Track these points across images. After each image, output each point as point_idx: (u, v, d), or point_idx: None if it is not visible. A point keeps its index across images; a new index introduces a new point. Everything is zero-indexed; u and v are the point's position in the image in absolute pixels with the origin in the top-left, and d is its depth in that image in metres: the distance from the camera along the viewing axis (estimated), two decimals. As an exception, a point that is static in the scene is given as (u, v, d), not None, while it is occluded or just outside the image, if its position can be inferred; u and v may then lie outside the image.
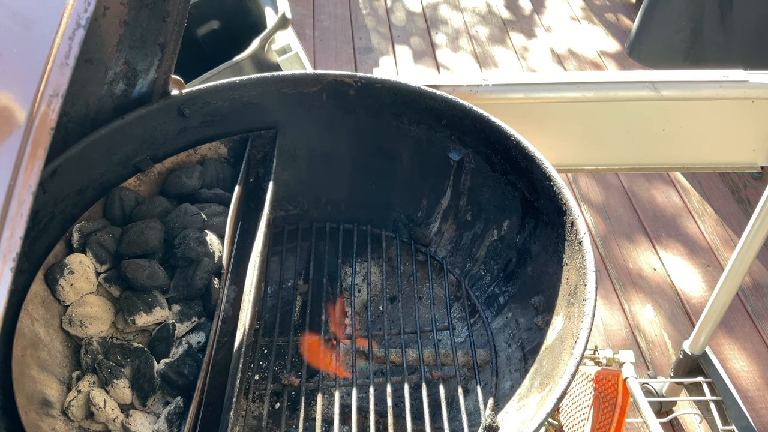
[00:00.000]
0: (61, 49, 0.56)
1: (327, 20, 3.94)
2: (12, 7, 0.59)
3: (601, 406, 1.26)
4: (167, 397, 0.95)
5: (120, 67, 1.05)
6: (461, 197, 1.23)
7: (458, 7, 4.12)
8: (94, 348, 0.96)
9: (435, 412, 1.04)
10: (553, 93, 1.28)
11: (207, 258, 1.05)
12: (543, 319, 1.04)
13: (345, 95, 1.21)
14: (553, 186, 1.03)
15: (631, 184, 2.92)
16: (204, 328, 1.02)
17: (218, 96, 1.18)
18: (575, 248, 0.97)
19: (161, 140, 1.17)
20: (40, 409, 0.87)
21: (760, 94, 1.27)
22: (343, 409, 1.06)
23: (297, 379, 1.05)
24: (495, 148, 1.13)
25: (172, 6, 1.03)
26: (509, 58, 3.69)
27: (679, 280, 2.52)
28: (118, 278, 1.03)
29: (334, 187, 1.32)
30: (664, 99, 1.28)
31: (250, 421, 1.03)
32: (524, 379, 0.99)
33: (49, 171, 0.98)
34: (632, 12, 3.99)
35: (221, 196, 1.17)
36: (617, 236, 2.69)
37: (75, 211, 1.07)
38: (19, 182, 0.50)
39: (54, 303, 0.98)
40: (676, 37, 2.48)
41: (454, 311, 1.22)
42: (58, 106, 0.54)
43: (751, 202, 2.81)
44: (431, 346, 1.15)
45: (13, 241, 0.49)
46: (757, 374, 2.21)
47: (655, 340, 2.31)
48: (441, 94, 1.16)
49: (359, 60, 3.65)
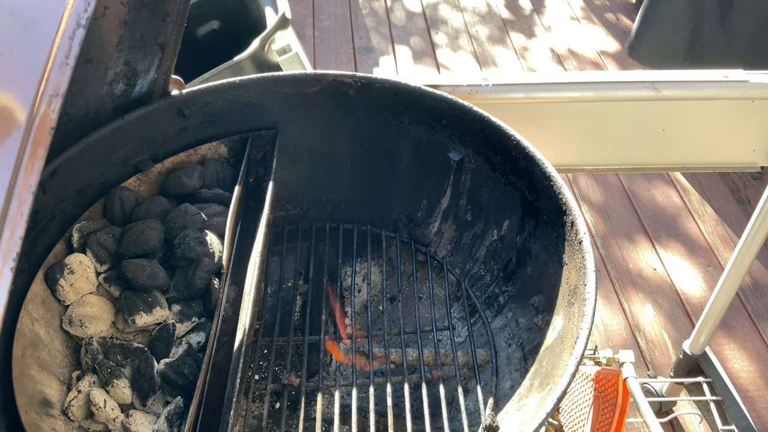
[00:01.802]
0: (61, 49, 0.56)
1: (327, 20, 3.94)
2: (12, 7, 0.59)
3: (601, 406, 1.26)
4: (167, 397, 0.95)
5: (120, 67, 1.05)
6: (461, 197, 1.23)
7: (458, 6, 4.12)
8: (94, 348, 0.96)
9: (435, 412, 1.04)
10: (553, 93, 1.29)
11: (207, 258, 1.05)
12: (543, 319, 1.04)
13: (345, 95, 1.21)
14: (553, 186, 1.03)
15: (631, 184, 2.92)
16: (204, 328, 1.02)
17: (218, 96, 1.18)
18: (575, 248, 0.97)
19: (161, 140, 1.17)
20: (40, 409, 0.87)
21: (760, 94, 1.27)
22: (343, 409, 1.06)
23: (297, 379, 1.05)
24: (495, 148, 1.13)
25: (172, 6, 1.03)
26: (509, 58, 3.69)
27: (679, 280, 2.52)
28: (118, 278, 1.03)
29: (334, 187, 1.32)
30: (664, 99, 1.28)
31: (250, 421, 1.03)
32: (524, 379, 0.99)
33: (49, 171, 0.98)
34: (632, 12, 3.99)
35: (221, 196, 1.17)
36: (617, 236, 2.69)
37: (75, 211, 1.07)
38: (19, 182, 0.50)
39: (54, 303, 0.98)
40: (676, 37, 2.48)
41: (454, 311, 1.22)
42: (58, 106, 0.54)
43: (751, 202, 2.81)
44: (431, 346, 1.15)
45: (13, 241, 0.49)
46: (757, 374, 2.21)
47: (655, 340, 2.31)
48: (441, 94, 1.16)
49: (359, 60, 3.65)
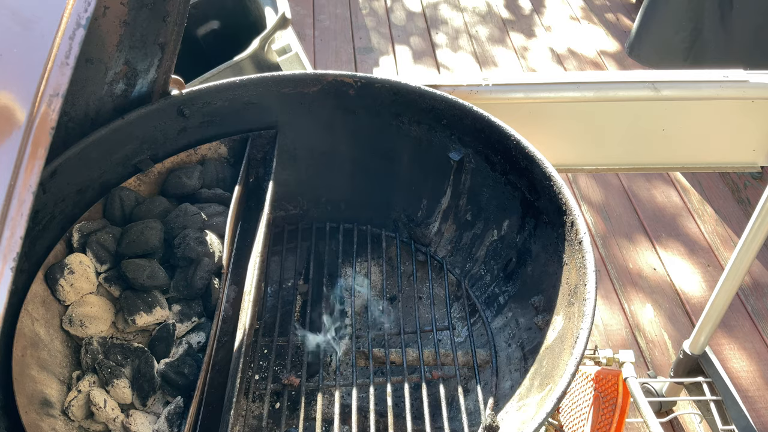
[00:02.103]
0: (61, 49, 0.56)
1: (327, 20, 3.94)
2: (12, 7, 0.59)
3: (601, 406, 1.26)
4: (167, 397, 0.95)
5: (120, 67, 1.05)
6: (461, 197, 1.23)
7: (458, 6, 4.12)
8: (94, 348, 0.96)
9: (435, 411, 1.04)
10: (553, 93, 1.28)
11: (207, 258, 1.05)
12: (543, 318, 1.04)
13: (345, 95, 1.21)
14: (553, 186, 1.03)
15: (631, 184, 2.92)
16: (204, 328, 1.02)
17: (218, 96, 1.18)
18: (575, 248, 0.97)
19: (161, 140, 1.17)
20: (41, 408, 0.87)
21: (760, 94, 1.27)
22: (343, 409, 1.06)
23: (297, 379, 1.05)
24: (495, 148, 1.13)
25: (172, 6, 1.03)
26: (509, 58, 3.69)
27: (679, 280, 2.52)
28: (118, 278, 1.03)
29: (334, 187, 1.32)
30: (664, 99, 1.28)
31: (250, 421, 1.03)
32: (524, 379, 0.99)
33: (49, 171, 0.98)
34: (632, 12, 3.99)
35: (221, 196, 1.17)
36: (617, 236, 2.69)
37: (75, 211, 1.07)
38: (20, 182, 0.50)
39: (54, 303, 0.98)
40: (676, 37, 2.48)
41: (454, 311, 1.22)
42: (58, 106, 0.54)
43: (751, 202, 2.81)
44: (431, 346, 1.15)
45: (13, 241, 0.49)
46: (757, 374, 2.21)
47: (655, 339, 2.31)
48: (441, 94, 1.16)
49: (359, 60, 3.65)
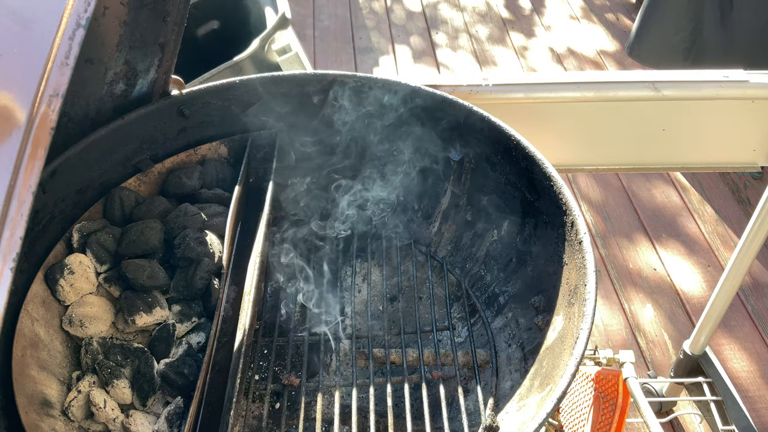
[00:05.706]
0: (61, 49, 0.56)
1: (327, 20, 3.94)
2: (12, 7, 0.59)
3: (601, 406, 1.26)
4: (167, 397, 0.95)
5: (120, 67, 1.05)
6: (461, 197, 1.23)
7: (458, 6, 4.12)
8: (94, 348, 0.96)
9: (435, 412, 1.04)
10: (553, 93, 1.28)
11: (207, 258, 1.05)
12: (543, 319, 1.03)
13: (345, 95, 1.21)
14: (553, 186, 1.03)
15: (631, 184, 2.92)
16: (204, 328, 1.02)
17: (218, 96, 1.18)
18: (575, 248, 0.97)
19: (161, 140, 1.17)
20: (40, 409, 0.87)
21: (760, 94, 1.27)
22: (343, 409, 1.06)
23: (297, 379, 1.05)
24: (495, 148, 1.13)
25: (172, 6, 1.03)
26: (509, 58, 3.69)
27: (679, 280, 2.52)
28: (118, 278, 1.03)
29: (334, 186, 1.31)
30: (664, 99, 1.28)
31: (250, 421, 1.03)
32: (524, 379, 0.99)
33: (49, 171, 0.98)
34: (632, 12, 3.99)
35: (221, 196, 1.17)
36: (617, 236, 2.69)
37: (75, 211, 1.07)
38: (20, 182, 0.50)
39: (54, 303, 0.98)
40: (676, 37, 2.48)
41: (454, 311, 1.22)
42: (58, 106, 0.54)
43: (751, 202, 2.81)
44: (431, 346, 1.15)
45: (13, 241, 0.49)
46: (757, 374, 2.21)
47: (655, 340, 2.31)
48: (441, 94, 1.16)
49: (359, 60, 3.65)
